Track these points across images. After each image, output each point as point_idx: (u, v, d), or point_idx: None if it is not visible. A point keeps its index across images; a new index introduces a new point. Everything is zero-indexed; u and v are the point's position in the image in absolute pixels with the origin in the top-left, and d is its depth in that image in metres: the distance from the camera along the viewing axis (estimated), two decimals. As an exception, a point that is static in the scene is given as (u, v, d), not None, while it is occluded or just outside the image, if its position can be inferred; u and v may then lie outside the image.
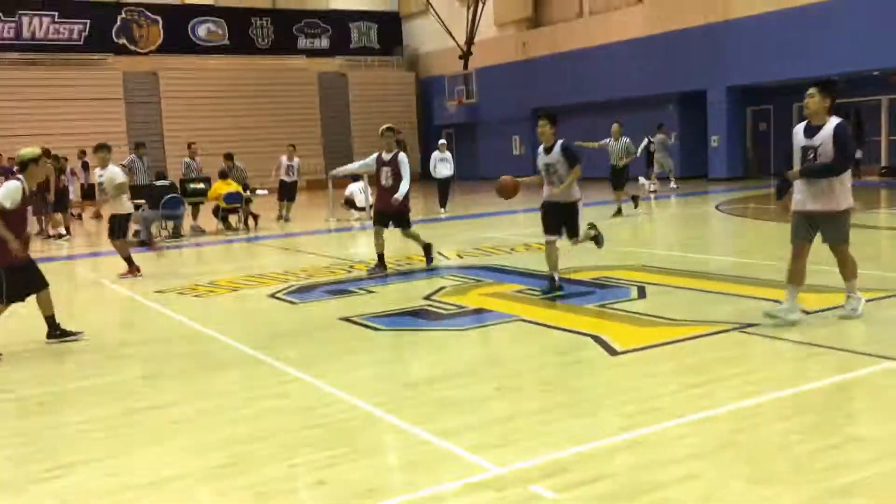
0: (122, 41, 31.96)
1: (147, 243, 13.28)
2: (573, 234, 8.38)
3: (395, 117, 31.49)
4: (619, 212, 15.83)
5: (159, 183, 16.12)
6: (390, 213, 10.29)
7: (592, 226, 8.74)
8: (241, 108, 32.48)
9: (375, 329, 7.25)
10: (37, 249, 13.84)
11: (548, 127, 8.17)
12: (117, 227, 10.82)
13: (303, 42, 35.76)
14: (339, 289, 9.46)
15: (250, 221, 17.47)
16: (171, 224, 16.31)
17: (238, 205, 17.07)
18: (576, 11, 30.05)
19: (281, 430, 4.72)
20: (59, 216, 17.00)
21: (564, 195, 8.15)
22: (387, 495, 3.78)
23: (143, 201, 15.12)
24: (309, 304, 8.71)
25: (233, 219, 17.35)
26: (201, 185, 17.22)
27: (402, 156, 10.38)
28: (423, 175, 23.64)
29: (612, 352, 5.97)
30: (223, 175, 17.10)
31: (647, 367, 5.57)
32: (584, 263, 9.73)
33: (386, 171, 10.30)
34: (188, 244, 15.56)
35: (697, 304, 7.59)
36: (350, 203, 18.56)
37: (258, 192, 18.58)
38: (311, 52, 35.75)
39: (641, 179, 21.81)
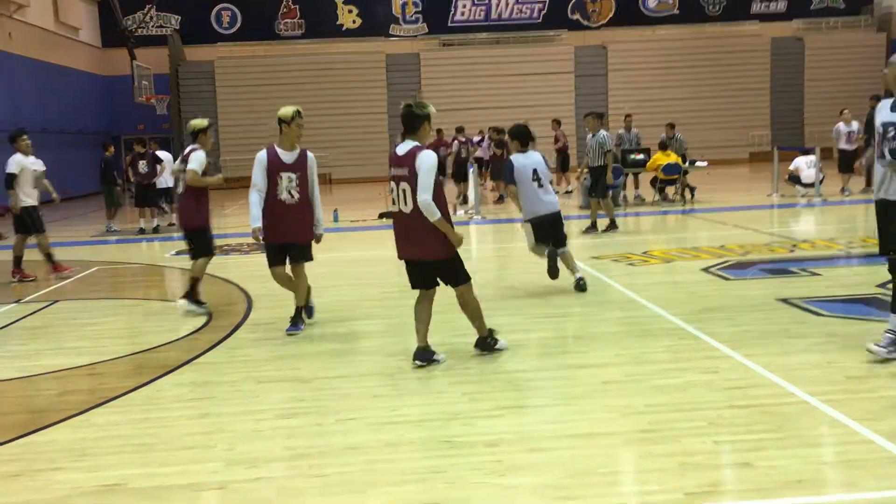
0: (576, 17, 33.49)
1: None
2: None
3: (857, 86, 28.44)
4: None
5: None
6: None
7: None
8: (685, 79, 32.01)
9: (817, 314, 6.74)
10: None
11: None
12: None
13: (757, 6, 33.90)
14: (778, 268, 8.94)
15: (687, 193, 17.27)
16: (609, 192, 16.83)
17: (676, 176, 16.97)
18: None
19: (707, 405, 4.67)
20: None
21: None
22: (819, 490, 3.55)
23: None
24: (744, 282, 8.39)
25: (670, 190, 17.32)
26: (641, 156, 17.46)
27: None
28: None
29: None
30: (663, 146, 17.12)
31: None
32: None
33: None
34: (624, 213, 15.93)
35: None
36: (794, 178, 17.29)
37: (697, 163, 18.23)
38: (766, 17, 33.73)
39: None
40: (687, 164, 17.26)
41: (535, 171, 7.81)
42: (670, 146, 17.20)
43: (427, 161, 5.33)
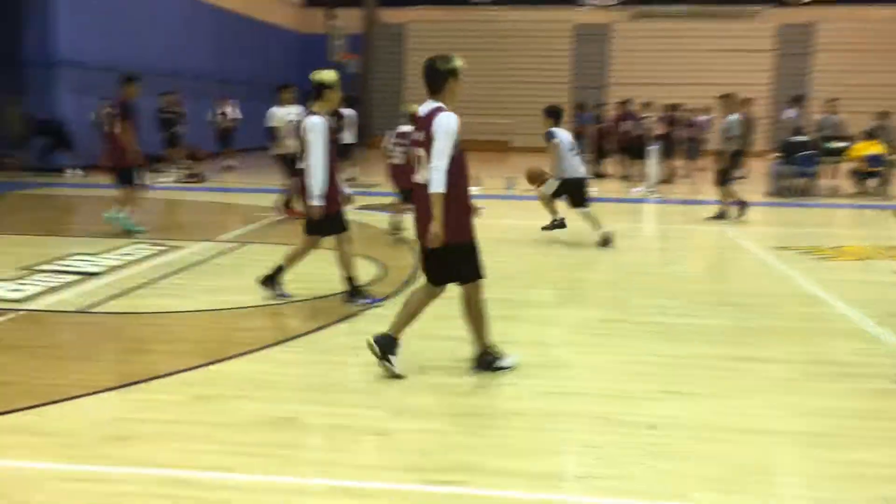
0: (783, -9, 31.48)
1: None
2: None
3: None
4: None
5: (795, 138, 15.76)
6: None
7: None
8: (903, 63, 29.37)
9: None
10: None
11: None
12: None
13: None
14: None
15: (891, 188, 15.94)
16: (802, 181, 15.85)
17: (880, 168, 15.68)
18: None
19: (893, 416, 4.36)
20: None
21: None
22: None
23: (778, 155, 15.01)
24: (948, 289, 7.69)
25: (872, 182, 16.03)
26: (841, 144, 16.26)
27: None
28: None
29: None
30: (870, 134, 15.85)
31: None
32: None
33: None
34: (817, 203, 14.95)
35: None
36: None
37: (904, 155, 16.74)
38: None
39: None
40: (893, 155, 15.91)
41: (571, 141, 9.96)
42: (879, 135, 15.89)
43: (444, 124, 4.59)
